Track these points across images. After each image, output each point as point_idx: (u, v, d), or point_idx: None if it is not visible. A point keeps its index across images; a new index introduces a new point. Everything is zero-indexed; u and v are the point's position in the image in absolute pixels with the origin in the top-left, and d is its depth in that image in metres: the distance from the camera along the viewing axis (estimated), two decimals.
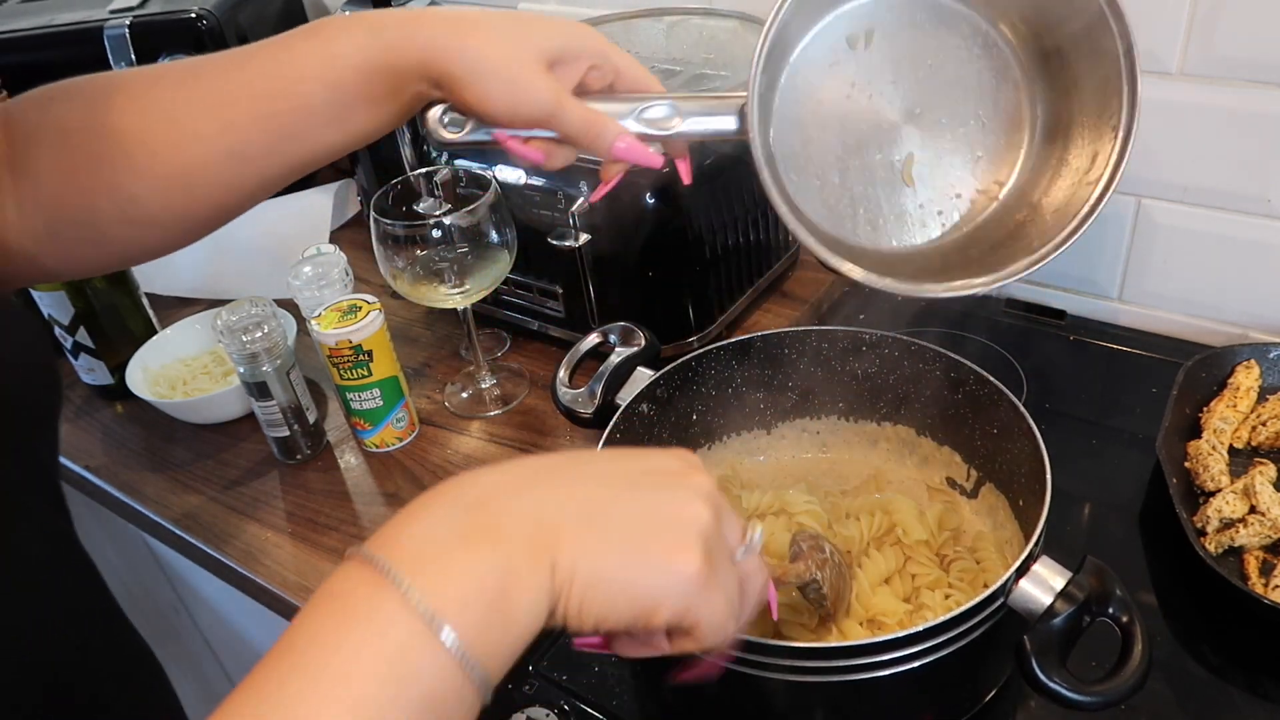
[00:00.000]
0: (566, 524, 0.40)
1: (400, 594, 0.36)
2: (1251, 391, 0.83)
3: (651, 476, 0.44)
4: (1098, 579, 0.56)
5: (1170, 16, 0.83)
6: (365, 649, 0.35)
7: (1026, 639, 0.54)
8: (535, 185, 0.93)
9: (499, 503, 0.40)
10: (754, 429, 0.84)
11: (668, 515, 0.42)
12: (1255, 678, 0.67)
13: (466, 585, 0.37)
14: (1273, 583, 0.69)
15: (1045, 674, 0.53)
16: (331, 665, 0.34)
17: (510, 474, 0.42)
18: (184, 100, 0.56)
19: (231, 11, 1.18)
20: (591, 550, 0.40)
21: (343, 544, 0.83)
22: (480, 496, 0.41)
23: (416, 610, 0.35)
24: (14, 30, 1.16)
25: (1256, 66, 0.82)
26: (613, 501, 0.42)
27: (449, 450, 0.93)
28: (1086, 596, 0.55)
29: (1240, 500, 0.74)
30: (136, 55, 1.14)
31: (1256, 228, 0.89)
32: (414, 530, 0.39)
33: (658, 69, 1.00)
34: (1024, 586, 0.56)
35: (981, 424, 0.72)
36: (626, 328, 0.82)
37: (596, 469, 0.44)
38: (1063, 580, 0.56)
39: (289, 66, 0.56)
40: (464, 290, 0.91)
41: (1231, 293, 0.94)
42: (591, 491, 0.42)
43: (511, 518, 0.40)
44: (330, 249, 1.06)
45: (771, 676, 0.56)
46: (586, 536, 0.40)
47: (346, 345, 0.87)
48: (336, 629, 0.35)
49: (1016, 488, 0.70)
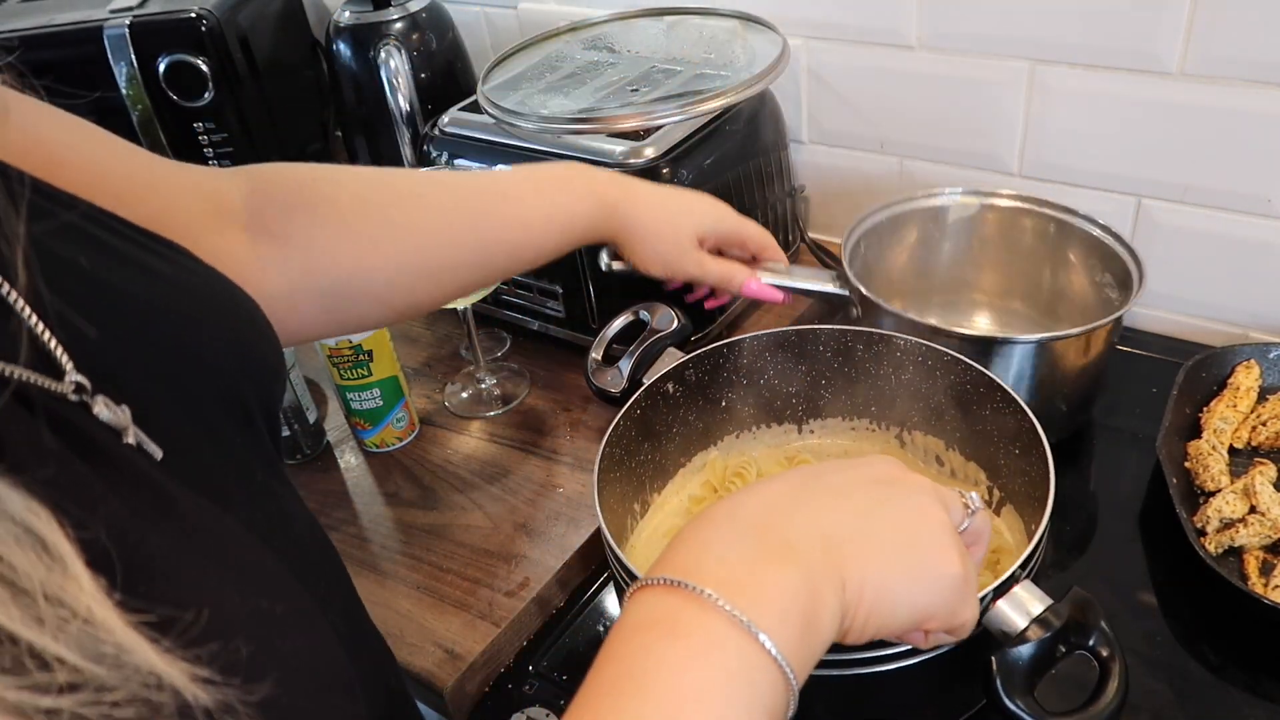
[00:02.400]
0: (848, 540, 0.42)
1: (726, 614, 0.37)
2: (1251, 391, 0.83)
3: (883, 486, 0.46)
4: (1079, 610, 0.55)
5: (1170, 16, 0.83)
6: (708, 668, 0.36)
7: (994, 659, 0.53)
8: None
9: (780, 521, 0.42)
10: (785, 423, 0.84)
11: (920, 523, 0.44)
12: (1255, 678, 0.67)
13: (782, 601, 0.38)
14: (1273, 583, 0.69)
15: (1008, 697, 0.53)
16: (679, 687, 0.35)
17: (772, 493, 0.44)
18: (434, 228, 0.66)
19: (231, 11, 1.18)
20: (876, 566, 0.42)
21: (343, 544, 0.83)
22: (758, 517, 0.42)
23: (746, 627, 0.37)
24: (14, 30, 1.16)
25: (1256, 66, 0.82)
26: (874, 515, 0.44)
27: (449, 450, 0.93)
28: (1063, 626, 0.54)
29: (1240, 500, 0.74)
30: (136, 55, 1.14)
31: (1256, 228, 0.89)
32: (711, 554, 0.40)
33: (658, 69, 1.01)
34: (1001, 607, 0.55)
35: (1006, 443, 0.72)
36: (659, 307, 0.83)
37: (837, 481, 0.46)
38: (1040, 606, 0.55)
39: (532, 212, 0.71)
40: None
41: (1231, 293, 0.94)
42: (854, 504, 0.44)
43: (799, 536, 0.41)
44: None
45: None
46: (869, 552, 0.42)
47: (346, 345, 0.87)
48: (671, 651, 0.36)
49: (1030, 510, 0.69)
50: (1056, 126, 0.94)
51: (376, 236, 0.63)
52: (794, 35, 1.03)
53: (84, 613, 0.25)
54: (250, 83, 1.21)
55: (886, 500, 0.45)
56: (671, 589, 0.38)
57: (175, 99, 1.16)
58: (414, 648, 0.73)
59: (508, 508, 0.85)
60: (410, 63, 1.11)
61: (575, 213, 0.73)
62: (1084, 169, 0.95)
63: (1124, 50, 0.87)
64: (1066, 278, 0.91)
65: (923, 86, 1.00)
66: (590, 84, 0.99)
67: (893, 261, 0.95)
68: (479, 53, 1.28)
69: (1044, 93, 0.93)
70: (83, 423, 0.32)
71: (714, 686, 0.36)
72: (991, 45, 0.94)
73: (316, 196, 0.62)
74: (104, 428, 0.33)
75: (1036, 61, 0.92)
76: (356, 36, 1.12)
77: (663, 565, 0.40)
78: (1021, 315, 0.97)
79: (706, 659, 0.36)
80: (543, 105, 0.96)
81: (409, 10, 1.13)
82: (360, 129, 1.18)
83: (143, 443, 0.34)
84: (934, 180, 1.05)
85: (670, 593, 0.38)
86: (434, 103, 1.12)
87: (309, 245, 0.61)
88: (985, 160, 1.01)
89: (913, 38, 0.98)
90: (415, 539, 0.83)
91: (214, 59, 1.15)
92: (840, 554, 0.41)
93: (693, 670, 0.36)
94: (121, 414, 0.34)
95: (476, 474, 0.89)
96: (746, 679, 0.36)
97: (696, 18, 1.08)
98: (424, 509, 0.86)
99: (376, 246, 0.63)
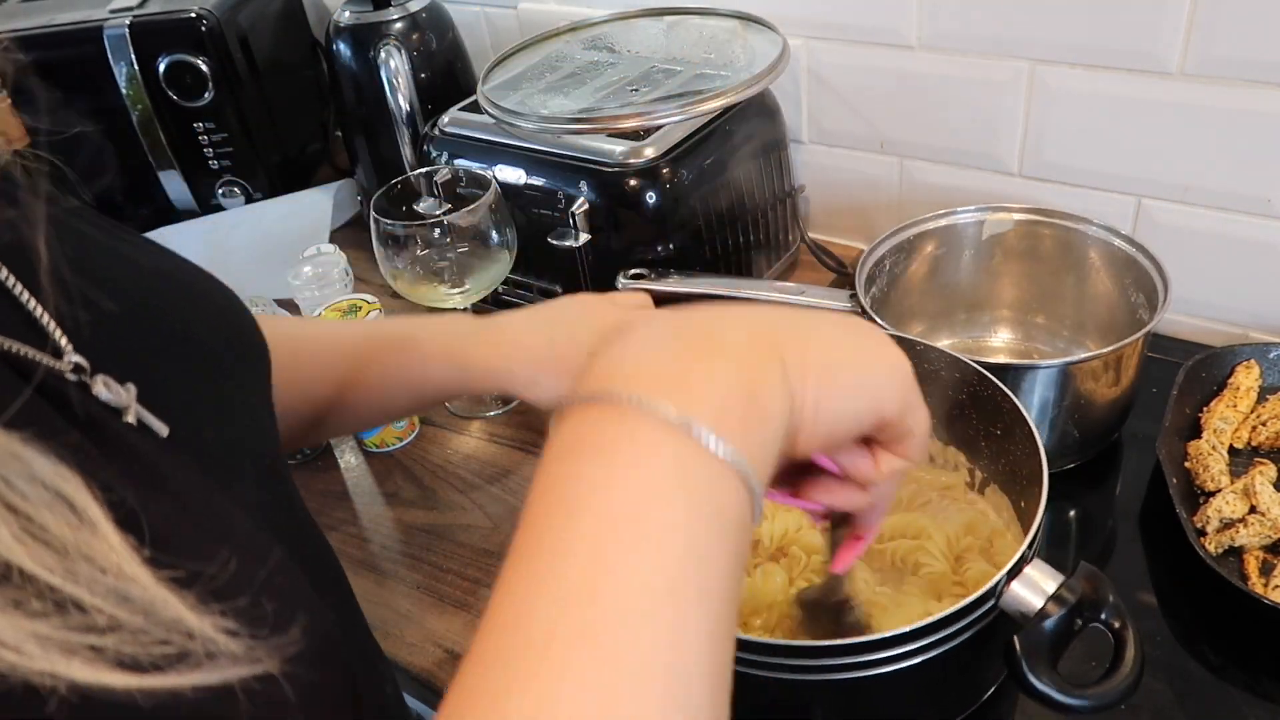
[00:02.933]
0: (780, 329, 0.38)
1: (657, 416, 0.33)
2: (1251, 391, 0.83)
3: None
4: (1090, 584, 0.56)
5: (1170, 16, 0.83)
6: (640, 480, 0.32)
7: (1016, 640, 0.54)
8: (535, 185, 0.93)
9: (703, 322, 0.38)
10: None
11: (856, 324, 0.42)
12: (1255, 678, 0.67)
13: (716, 393, 0.34)
14: (1273, 583, 0.69)
15: (1035, 676, 0.53)
16: (608, 507, 0.32)
17: (686, 315, 0.39)
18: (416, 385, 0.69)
19: (231, 11, 1.18)
20: (816, 348, 0.38)
21: (343, 544, 0.83)
22: (678, 324, 0.38)
23: (679, 427, 0.33)
24: (14, 30, 1.16)
25: (1256, 66, 0.82)
26: (806, 315, 0.41)
27: (449, 450, 0.93)
28: (1078, 600, 0.55)
29: (1240, 500, 0.74)
30: (136, 55, 1.14)
31: (1256, 228, 0.89)
32: (629, 361, 0.36)
33: (658, 69, 1.01)
34: (1015, 589, 0.56)
35: (985, 424, 0.72)
36: None
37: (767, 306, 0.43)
38: (1055, 584, 0.56)
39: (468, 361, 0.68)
40: (464, 290, 0.91)
41: (1231, 292, 0.94)
42: (780, 310, 0.41)
43: (725, 333, 0.37)
44: (330, 249, 1.06)
45: (765, 675, 0.56)
46: (806, 336, 0.39)
47: None
48: (597, 471, 0.33)
49: (1018, 489, 0.70)
50: (1056, 126, 0.94)
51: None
52: (794, 35, 1.03)
53: (114, 570, 0.27)
54: (250, 83, 1.21)
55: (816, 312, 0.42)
56: (590, 405, 0.34)
57: (175, 99, 1.16)
58: (414, 648, 0.73)
59: (508, 508, 0.85)
60: (410, 63, 1.11)
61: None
62: (1084, 169, 0.95)
63: (1124, 50, 0.87)
64: (1089, 290, 0.91)
65: (923, 86, 1.00)
66: (590, 84, 0.99)
67: (912, 281, 0.94)
68: (479, 53, 1.28)
69: (1044, 93, 0.93)
70: (82, 401, 0.33)
71: (649, 499, 0.32)
72: (991, 45, 0.94)
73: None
74: (103, 407, 0.34)
75: (1036, 61, 0.92)
76: (356, 36, 1.12)
77: (586, 378, 0.36)
78: (1044, 329, 0.96)
79: (637, 470, 0.32)
80: (543, 105, 0.96)
81: (409, 10, 1.13)
82: (360, 129, 1.18)
83: (146, 420, 0.35)
84: (934, 180, 1.05)
85: (589, 409, 0.34)
86: (434, 103, 1.12)
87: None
88: (985, 160, 1.01)
89: (913, 38, 0.98)
90: (415, 539, 0.83)
91: (214, 59, 1.15)
92: (774, 339, 0.37)
93: (622, 485, 0.32)
94: (124, 393, 0.35)
95: (476, 474, 0.89)
96: (686, 484, 0.32)
97: (696, 18, 1.08)
98: (424, 509, 0.86)
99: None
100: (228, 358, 0.45)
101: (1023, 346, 0.97)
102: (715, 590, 0.32)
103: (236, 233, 1.21)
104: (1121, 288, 0.88)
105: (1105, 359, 0.78)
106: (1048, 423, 0.79)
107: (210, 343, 0.44)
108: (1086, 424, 0.81)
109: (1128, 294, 0.87)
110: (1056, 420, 0.79)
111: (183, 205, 1.24)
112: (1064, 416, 0.79)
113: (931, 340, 0.74)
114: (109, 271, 0.40)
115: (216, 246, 1.19)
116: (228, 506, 0.36)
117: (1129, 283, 0.86)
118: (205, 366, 0.42)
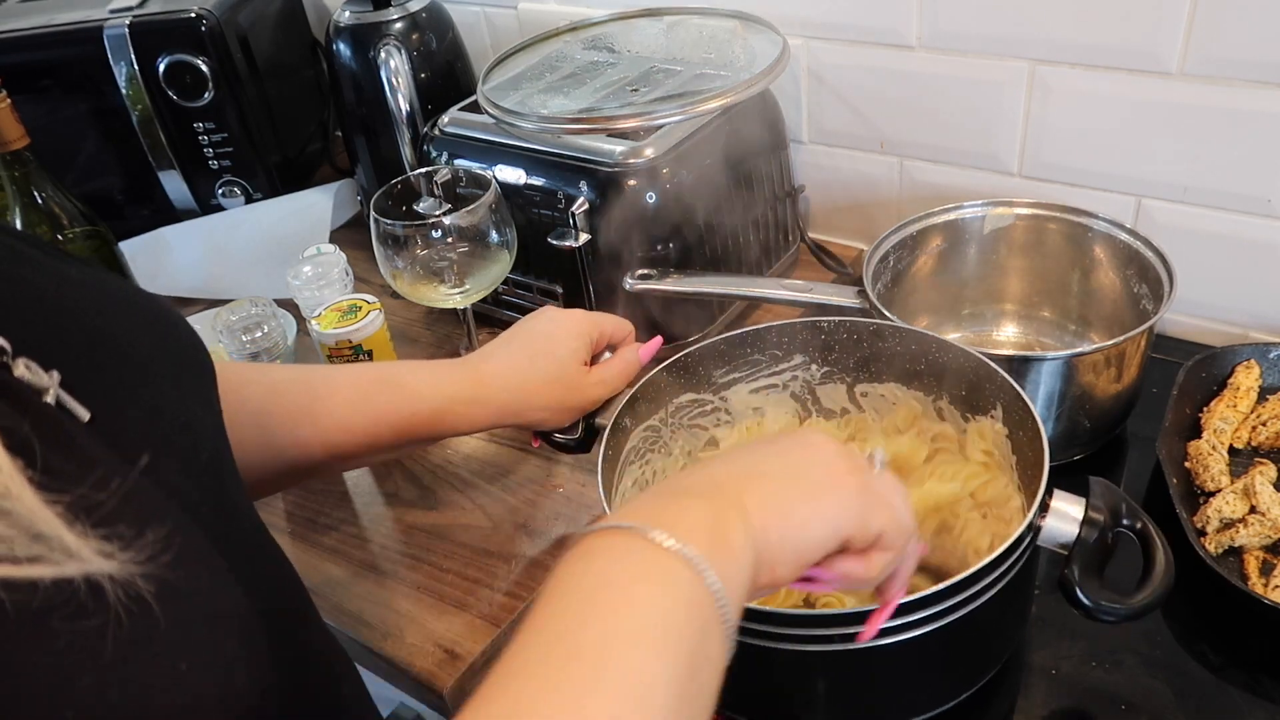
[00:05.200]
0: (738, 478, 0.46)
1: (645, 537, 0.41)
2: (1251, 391, 0.83)
3: (781, 440, 0.51)
4: (1108, 497, 0.59)
5: (1170, 16, 0.83)
6: (615, 565, 0.41)
7: (1066, 573, 0.57)
8: (535, 185, 0.93)
9: (676, 481, 0.49)
10: None
11: (806, 452, 0.49)
12: (1255, 678, 0.67)
13: (686, 520, 0.43)
14: (1273, 583, 0.69)
15: (1094, 602, 0.56)
16: (585, 579, 0.41)
17: (666, 480, 0.50)
18: (392, 426, 0.70)
19: (231, 11, 1.18)
20: (771, 492, 0.46)
21: (343, 544, 0.83)
22: (656, 487, 0.48)
23: (659, 543, 0.41)
24: (13, 30, 1.16)
25: (1256, 66, 0.82)
26: (763, 455, 0.49)
27: (449, 450, 0.93)
28: (1107, 516, 0.58)
29: (1240, 500, 0.74)
30: (136, 55, 1.14)
31: (1256, 228, 0.89)
32: (621, 514, 0.44)
33: (658, 69, 1.01)
34: (1049, 524, 0.59)
35: (954, 379, 0.74)
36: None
37: (738, 449, 0.52)
38: (1080, 509, 0.59)
39: (410, 386, 0.71)
40: (464, 290, 0.91)
41: (1231, 293, 0.94)
42: (747, 455, 0.50)
43: (693, 484, 0.47)
44: (330, 249, 1.06)
45: (779, 647, 0.57)
46: (760, 483, 0.46)
47: (346, 345, 0.87)
48: (583, 562, 0.42)
49: (1026, 475, 0.69)
50: (1057, 126, 0.94)
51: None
52: (794, 35, 1.03)
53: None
54: (250, 83, 1.21)
55: (777, 446, 0.50)
56: (587, 535, 0.43)
57: (175, 99, 1.16)
58: (414, 648, 0.73)
59: (508, 508, 0.85)
60: (410, 63, 1.11)
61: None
62: (1084, 169, 0.95)
63: (1124, 50, 0.87)
64: (1095, 284, 0.91)
65: (923, 86, 1.00)
66: (590, 84, 0.99)
67: (918, 275, 0.95)
68: (479, 53, 1.28)
69: (1044, 93, 0.93)
70: (4, 379, 0.34)
71: (622, 579, 0.40)
72: (991, 45, 0.94)
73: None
74: (25, 386, 0.35)
75: (1036, 61, 0.92)
76: (356, 36, 1.12)
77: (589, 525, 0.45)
78: (1050, 323, 0.97)
79: (613, 559, 0.41)
80: (543, 105, 0.96)
81: (409, 10, 1.13)
82: (360, 129, 1.18)
83: (66, 404, 0.36)
84: (934, 180, 1.05)
85: (585, 537, 0.43)
86: (434, 103, 1.12)
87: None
88: (985, 160, 1.01)
89: (913, 38, 0.98)
90: (415, 539, 0.83)
91: (214, 59, 1.15)
92: (733, 490, 0.45)
93: (597, 570, 0.41)
94: (46, 377, 0.35)
95: (476, 474, 0.89)
96: (674, 587, 0.40)
97: (696, 18, 1.08)
98: (424, 509, 0.86)
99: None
100: (161, 360, 0.45)
101: (1028, 340, 0.97)
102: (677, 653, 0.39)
103: (236, 233, 1.21)
104: (1126, 281, 0.88)
105: (1107, 352, 0.78)
106: (1053, 417, 0.80)
107: (142, 344, 0.44)
108: (1093, 415, 0.81)
109: (1132, 287, 0.87)
110: (1062, 413, 0.80)
111: (183, 205, 1.24)
112: (1070, 408, 0.79)
113: (937, 335, 0.74)
114: (42, 281, 0.41)
115: (216, 247, 1.19)
116: (140, 480, 0.36)
117: (1133, 276, 0.87)
118: (135, 367, 0.43)
